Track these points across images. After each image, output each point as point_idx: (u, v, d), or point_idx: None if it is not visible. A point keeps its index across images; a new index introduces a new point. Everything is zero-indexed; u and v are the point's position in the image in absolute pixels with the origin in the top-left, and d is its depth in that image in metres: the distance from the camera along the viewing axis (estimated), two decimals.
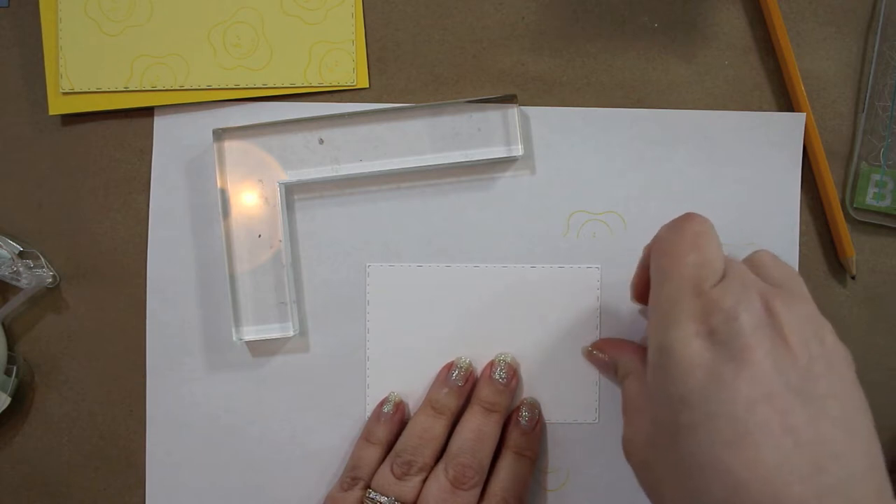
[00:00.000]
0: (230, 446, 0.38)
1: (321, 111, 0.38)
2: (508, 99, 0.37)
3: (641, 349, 0.34)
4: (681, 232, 0.28)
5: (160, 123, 0.39)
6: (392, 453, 0.36)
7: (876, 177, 0.39)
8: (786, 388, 0.23)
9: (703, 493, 0.23)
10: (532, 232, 0.39)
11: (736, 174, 0.39)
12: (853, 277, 0.39)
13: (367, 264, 0.39)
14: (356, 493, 0.35)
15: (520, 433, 0.36)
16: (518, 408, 0.37)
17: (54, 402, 0.39)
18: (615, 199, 0.39)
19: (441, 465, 0.35)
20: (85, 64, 0.38)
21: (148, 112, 0.39)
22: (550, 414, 0.38)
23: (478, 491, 0.34)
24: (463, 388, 0.37)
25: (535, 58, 0.39)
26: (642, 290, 0.33)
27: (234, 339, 0.37)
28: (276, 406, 0.38)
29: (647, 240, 0.38)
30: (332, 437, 0.38)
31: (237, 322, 0.37)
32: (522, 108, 0.38)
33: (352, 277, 0.39)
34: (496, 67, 0.39)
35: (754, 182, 0.39)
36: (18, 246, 0.38)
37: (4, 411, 0.37)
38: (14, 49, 0.39)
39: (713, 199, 0.39)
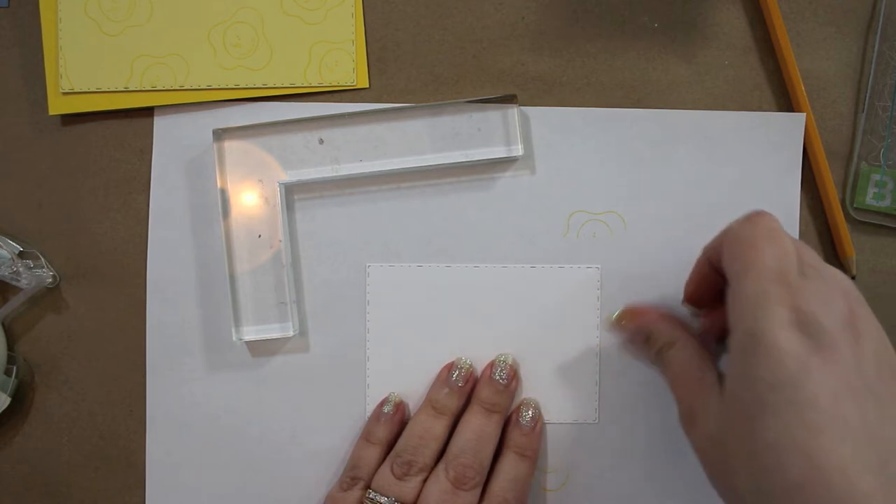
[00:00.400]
0: (230, 446, 0.38)
1: (321, 111, 0.38)
2: (508, 99, 0.37)
3: (675, 318, 0.34)
4: (756, 226, 0.29)
5: (160, 123, 0.39)
6: (392, 453, 0.36)
7: (876, 177, 0.39)
8: (864, 386, 0.25)
9: (777, 472, 0.24)
10: (532, 232, 0.39)
11: (736, 174, 0.39)
12: (853, 277, 0.39)
13: (367, 264, 0.39)
14: (356, 493, 0.35)
15: (520, 433, 0.36)
16: (518, 408, 0.37)
17: (54, 402, 0.39)
18: (615, 199, 0.39)
19: (442, 466, 0.35)
20: (85, 64, 0.38)
21: (148, 112, 0.39)
22: (550, 414, 0.38)
23: (478, 491, 0.34)
24: (463, 389, 0.37)
25: (535, 58, 0.39)
26: (698, 291, 0.34)
27: (234, 339, 0.37)
28: (276, 406, 0.38)
29: (648, 240, 0.38)
30: (332, 437, 0.38)
31: (237, 322, 0.37)
32: (522, 108, 0.38)
33: (352, 277, 0.39)
34: (496, 67, 0.39)
35: (754, 182, 0.39)
36: (18, 246, 0.38)
37: (4, 411, 0.37)
38: (14, 49, 0.39)
39: (713, 199, 0.39)
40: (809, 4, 0.40)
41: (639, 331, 0.35)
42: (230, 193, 0.37)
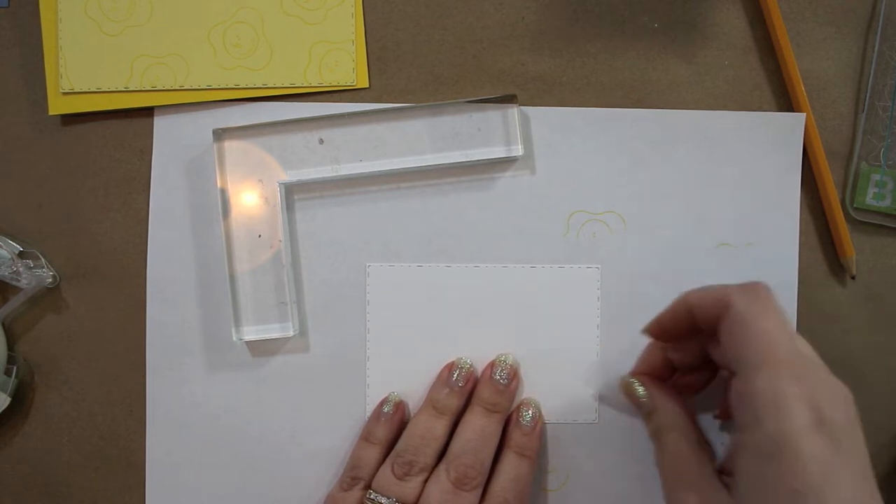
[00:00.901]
0: (230, 446, 0.38)
1: (321, 111, 0.38)
2: (508, 99, 0.37)
3: (679, 398, 0.34)
4: (763, 307, 0.28)
5: (160, 123, 0.39)
6: (393, 453, 0.36)
7: (876, 177, 0.39)
8: (871, 476, 0.25)
9: None
10: (532, 232, 0.39)
11: (736, 174, 0.39)
12: (853, 277, 0.39)
13: (367, 264, 0.39)
14: (356, 493, 0.35)
15: (520, 433, 0.36)
16: (518, 408, 0.37)
17: (54, 402, 0.39)
18: (615, 199, 0.39)
19: (443, 466, 0.35)
20: (85, 64, 0.38)
21: (148, 112, 0.39)
22: (550, 414, 0.38)
23: (479, 491, 0.34)
24: (464, 389, 0.37)
25: (535, 58, 0.39)
26: (667, 333, 0.33)
27: (234, 339, 0.37)
28: (276, 406, 0.38)
29: (648, 240, 0.38)
30: (332, 437, 0.38)
31: (237, 322, 0.37)
32: (522, 108, 0.38)
33: (352, 277, 0.39)
34: (496, 67, 0.39)
35: (754, 182, 0.39)
36: (18, 246, 0.38)
37: (4, 411, 0.37)
38: (14, 49, 0.39)
39: (713, 199, 0.39)
40: (809, 4, 0.40)
41: (645, 402, 0.34)
42: (230, 193, 0.37)
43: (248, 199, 0.37)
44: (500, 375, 0.37)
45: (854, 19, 0.40)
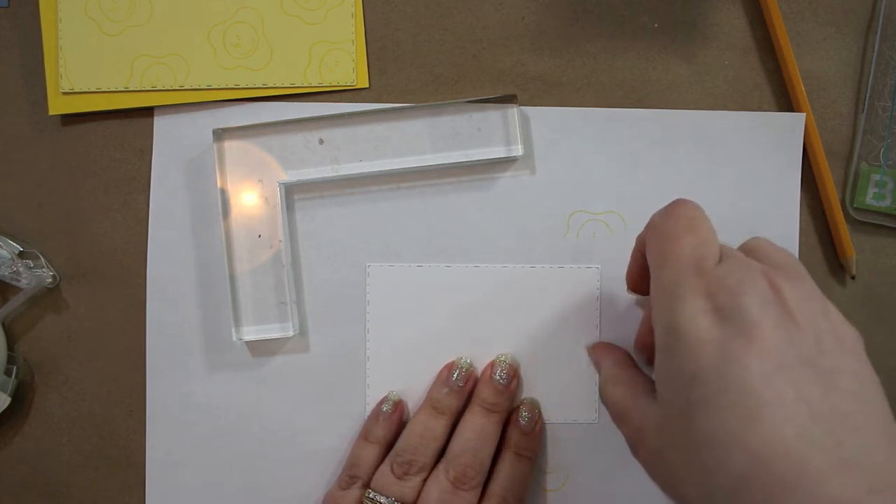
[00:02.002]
0: (230, 446, 0.38)
1: (321, 111, 0.38)
2: (508, 99, 0.37)
3: (624, 355, 0.34)
4: (675, 216, 0.28)
5: (160, 123, 0.39)
6: (392, 453, 0.36)
7: (876, 177, 0.39)
8: (797, 361, 0.23)
9: (720, 470, 0.23)
10: (532, 232, 0.39)
11: (736, 174, 0.39)
12: (853, 277, 0.39)
13: (367, 264, 0.39)
14: (355, 492, 0.35)
15: (520, 433, 0.36)
16: (518, 408, 0.37)
17: (54, 402, 0.39)
18: (615, 199, 0.39)
19: (442, 466, 0.35)
20: (85, 64, 0.38)
21: (148, 112, 0.39)
22: (550, 414, 0.38)
23: (478, 491, 0.34)
24: (463, 389, 0.37)
25: (535, 58, 0.39)
26: (637, 280, 0.33)
27: (234, 339, 0.37)
28: (276, 406, 0.38)
29: None
30: (332, 437, 0.38)
31: (237, 322, 0.37)
32: (522, 108, 0.38)
33: (352, 277, 0.38)
34: (496, 67, 0.39)
35: (754, 182, 0.39)
36: (18, 246, 0.38)
37: (4, 411, 0.37)
38: (14, 49, 0.39)
39: (713, 199, 0.39)
40: (809, 4, 0.40)
41: (595, 364, 0.35)
42: (230, 193, 0.37)
43: (248, 199, 0.37)
44: (500, 375, 0.37)
45: (854, 19, 0.40)
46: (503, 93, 0.39)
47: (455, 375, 0.37)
